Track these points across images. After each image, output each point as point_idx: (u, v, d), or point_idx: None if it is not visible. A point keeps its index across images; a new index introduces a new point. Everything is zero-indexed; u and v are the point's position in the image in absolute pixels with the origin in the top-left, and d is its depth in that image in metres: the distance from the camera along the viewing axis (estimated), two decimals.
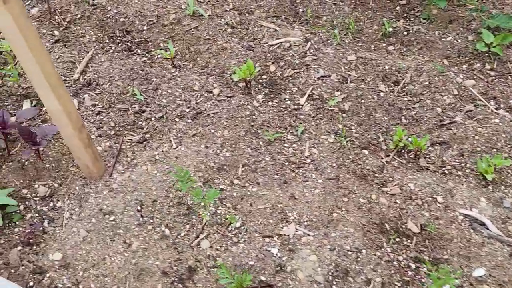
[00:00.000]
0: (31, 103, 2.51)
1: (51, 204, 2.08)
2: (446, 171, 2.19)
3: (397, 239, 1.90)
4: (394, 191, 2.07)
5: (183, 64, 2.81)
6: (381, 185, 2.11)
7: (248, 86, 2.64)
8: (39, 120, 2.43)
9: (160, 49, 2.89)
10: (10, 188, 2.02)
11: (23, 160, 2.21)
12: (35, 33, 1.55)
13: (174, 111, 2.49)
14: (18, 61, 2.76)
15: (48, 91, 1.69)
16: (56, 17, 3.09)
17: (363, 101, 2.55)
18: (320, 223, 1.94)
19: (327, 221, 1.95)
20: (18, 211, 2.04)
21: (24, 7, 1.49)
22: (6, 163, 2.22)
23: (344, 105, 2.54)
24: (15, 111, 2.47)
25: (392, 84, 2.66)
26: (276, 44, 2.93)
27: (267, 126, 2.41)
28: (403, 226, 1.94)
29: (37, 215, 2.05)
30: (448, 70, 2.72)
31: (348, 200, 2.03)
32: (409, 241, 1.90)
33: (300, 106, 2.55)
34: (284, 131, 2.38)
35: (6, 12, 1.43)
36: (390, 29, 3.00)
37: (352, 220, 1.95)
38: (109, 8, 3.18)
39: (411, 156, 2.28)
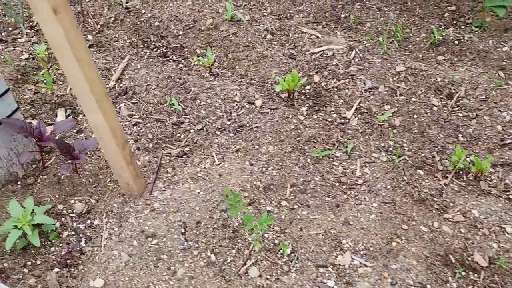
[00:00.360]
0: (66, 111, 2.41)
1: (88, 221, 1.97)
2: (510, 196, 2.02)
3: (463, 273, 1.74)
4: (457, 219, 1.90)
5: (221, 72, 2.68)
6: (442, 211, 1.95)
7: (291, 97, 2.50)
8: (74, 131, 2.33)
9: (197, 56, 2.76)
10: (47, 205, 1.91)
11: (59, 174, 2.10)
12: (84, 45, 1.43)
13: (214, 123, 2.36)
14: (51, 66, 2.66)
15: (93, 105, 1.57)
16: (89, 20, 2.99)
17: (415, 116, 2.38)
18: (378, 253, 1.79)
19: (386, 250, 1.80)
20: (54, 228, 1.93)
21: (74, 18, 1.37)
22: (41, 176, 2.11)
23: (394, 120, 2.38)
24: (50, 120, 2.37)
25: (445, 98, 2.49)
26: (319, 52, 2.78)
27: (314, 142, 2.26)
28: (470, 259, 1.78)
29: (73, 233, 1.94)
30: (506, 83, 2.54)
31: (408, 228, 1.87)
32: (476, 275, 1.74)
33: (347, 120, 2.39)
34: (332, 148, 2.23)
35: (57, 23, 1.32)
36: (440, 38, 2.82)
37: (414, 250, 1.79)
38: (143, 11, 3.07)
39: (470, 178, 2.11)
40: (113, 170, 1.89)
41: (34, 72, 2.62)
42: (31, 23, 2.97)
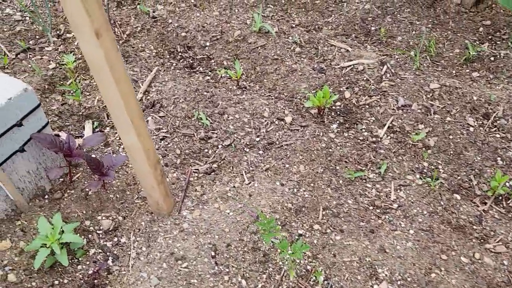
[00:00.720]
0: (93, 124, 2.38)
1: (115, 239, 1.94)
2: None
3: None
4: (499, 249, 1.82)
5: (249, 86, 2.63)
6: (482, 241, 1.87)
7: (321, 113, 2.43)
8: (101, 144, 2.30)
9: (224, 68, 2.72)
10: (75, 223, 1.88)
11: (86, 189, 2.07)
12: (122, 66, 1.39)
13: (243, 139, 2.31)
14: (78, 76, 2.64)
15: (129, 127, 1.53)
16: (116, 29, 2.96)
17: (450, 136, 2.30)
18: (416, 284, 1.72)
19: (425, 282, 1.72)
20: (81, 246, 1.90)
21: (115, 41, 1.33)
22: (68, 191, 2.08)
23: (428, 140, 2.30)
24: (77, 132, 2.34)
25: (481, 118, 2.41)
26: (349, 66, 2.71)
27: (346, 162, 2.19)
28: None
29: (100, 251, 1.90)
30: None
31: (447, 258, 1.79)
32: None
33: (379, 139, 2.32)
34: (364, 168, 2.17)
35: (98, 45, 1.28)
36: (474, 53, 2.73)
37: (454, 283, 1.72)
38: (170, 21, 3.03)
39: (510, 205, 2.02)
40: (144, 189, 1.85)
41: (61, 82, 2.60)
42: (58, 32, 2.95)
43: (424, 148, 2.27)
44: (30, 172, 1.97)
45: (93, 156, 2.04)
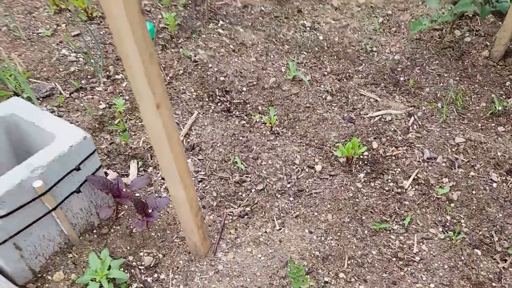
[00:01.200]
0: (138, 163, 2.59)
1: (155, 275, 2.11)
2: None
3: None
4: None
5: (282, 131, 2.81)
6: None
7: (350, 162, 2.58)
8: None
9: (259, 113, 2.91)
10: (121, 259, 2.07)
11: (130, 227, 2.27)
12: (177, 134, 1.59)
13: (275, 184, 2.47)
14: (125, 116, 2.87)
15: (177, 182, 1.72)
16: (160, 72, 3.21)
17: (473, 191, 2.41)
18: None
19: None
20: (125, 280, 2.08)
21: (171, 110, 1.54)
22: (114, 227, 2.29)
23: (452, 193, 2.40)
24: (123, 171, 2.56)
25: (505, 174, 2.50)
26: (377, 116, 2.86)
27: (371, 212, 2.32)
28: None
29: (142, 285, 2.08)
30: None
31: None
32: None
33: (404, 190, 2.44)
34: (389, 220, 2.29)
35: (158, 116, 1.48)
36: (500, 108, 2.84)
37: None
38: (210, 65, 3.26)
39: None
40: (184, 231, 2.04)
41: (110, 121, 2.85)
42: (107, 72, 3.22)
43: (447, 202, 2.38)
44: (82, 210, 2.19)
45: (139, 198, 2.24)
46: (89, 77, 3.20)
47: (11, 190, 1.81)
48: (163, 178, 2.52)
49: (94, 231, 2.27)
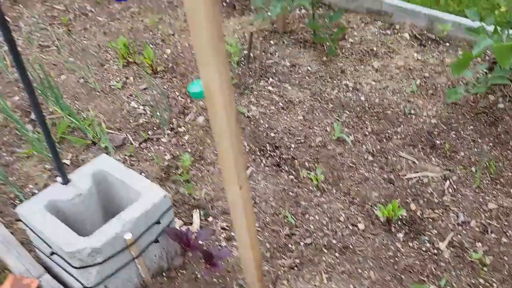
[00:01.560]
0: (200, 213, 2.94)
1: None
2: None
3: None
4: None
5: (327, 188, 3.11)
6: None
7: (389, 222, 2.85)
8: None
9: (306, 169, 3.23)
10: None
11: (196, 272, 2.60)
12: (251, 207, 1.93)
13: (321, 239, 2.77)
14: (188, 168, 3.24)
15: (247, 244, 2.05)
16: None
17: (505, 258, 2.63)
18: None
19: None
20: None
21: (249, 190, 1.88)
22: (181, 271, 2.62)
23: (485, 258, 2.64)
24: (187, 220, 2.91)
25: None
26: (415, 177, 3.13)
27: (410, 272, 2.58)
28: None
29: None
30: None
31: None
32: None
33: (440, 252, 2.69)
34: (426, 280, 2.54)
35: (239, 194, 1.82)
36: None
37: None
38: (261, 121, 3.63)
39: None
40: (246, 281, 2.35)
41: (175, 172, 3.22)
42: (171, 125, 3.63)
43: (480, 265, 2.61)
44: (156, 256, 2.54)
45: (205, 248, 2.58)
46: (155, 128, 3.62)
47: (108, 241, 2.19)
48: (223, 228, 2.85)
49: (164, 274, 2.61)
